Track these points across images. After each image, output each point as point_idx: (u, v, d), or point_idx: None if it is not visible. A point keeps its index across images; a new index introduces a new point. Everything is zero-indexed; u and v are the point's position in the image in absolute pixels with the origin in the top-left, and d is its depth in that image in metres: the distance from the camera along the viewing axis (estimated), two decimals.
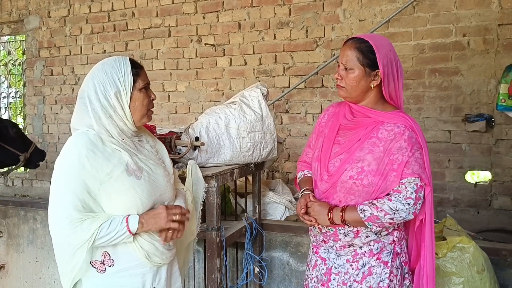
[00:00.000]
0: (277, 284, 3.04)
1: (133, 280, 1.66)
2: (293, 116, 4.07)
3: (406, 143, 1.70)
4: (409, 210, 1.67)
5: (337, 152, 1.81)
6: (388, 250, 1.78)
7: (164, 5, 4.50)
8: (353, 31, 3.78)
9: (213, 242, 2.38)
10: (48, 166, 5.09)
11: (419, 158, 1.71)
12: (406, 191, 1.67)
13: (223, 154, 2.57)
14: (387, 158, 1.70)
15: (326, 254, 1.86)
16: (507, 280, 2.49)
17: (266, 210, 3.25)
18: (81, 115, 1.64)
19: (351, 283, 1.79)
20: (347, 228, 1.76)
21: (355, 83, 1.76)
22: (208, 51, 4.35)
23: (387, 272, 1.76)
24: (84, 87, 1.65)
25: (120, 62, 1.65)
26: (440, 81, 3.56)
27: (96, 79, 1.62)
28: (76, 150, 1.57)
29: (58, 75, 5.09)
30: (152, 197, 1.66)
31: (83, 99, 1.63)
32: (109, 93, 1.61)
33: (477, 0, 3.43)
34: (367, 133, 1.77)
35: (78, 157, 1.55)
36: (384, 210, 1.66)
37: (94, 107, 1.61)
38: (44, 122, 5.20)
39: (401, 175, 1.68)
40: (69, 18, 4.98)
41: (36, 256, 3.98)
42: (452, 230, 2.54)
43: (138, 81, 1.65)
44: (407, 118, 1.77)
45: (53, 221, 1.58)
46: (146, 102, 1.69)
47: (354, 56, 1.75)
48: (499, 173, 3.42)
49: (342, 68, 1.79)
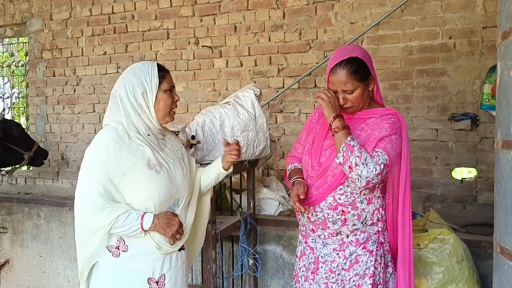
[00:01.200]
0: (270, 276, 3.19)
1: (144, 265, 1.83)
2: (287, 116, 4.20)
3: (388, 125, 1.85)
4: (369, 173, 1.75)
5: (328, 144, 1.94)
6: (373, 240, 1.92)
7: (163, 8, 4.62)
8: (344, 34, 3.91)
9: (208, 235, 2.52)
10: (51, 164, 5.24)
11: (394, 141, 1.84)
12: (378, 158, 1.78)
13: (218, 152, 2.70)
14: (370, 136, 1.86)
15: (314, 244, 1.99)
16: (487, 270, 2.62)
17: (260, 206, 3.38)
18: (112, 112, 1.83)
19: (339, 271, 1.93)
20: (335, 216, 1.89)
21: (361, 98, 1.91)
22: (205, 53, 4.48)
23: (372, 260, 1.90)
24: (116, 87, 1.84)
25: (148, 65, 1.84)
26: (428, 82, 3.68)
27: (126, 80, 1.82)
28: (105, 142, 1.75)
29: (60, 76, 5.21)
30: (169, 192, 1.82)
31: (115, 98, 1.82)
32: (137, 93, 1.80)
33: (462, 4, 3.55)
34: (355, 124, 1.92)
35: (106, 148, 1.73)
36: (361, 154, 1.76)
37: (124, 105, 1.80)
38: (46, 122, 5.33)
39: (374, 146, 1.81)
40: (70, 20, 5.10)
41: (40, 251, 4.13)
42: (435, 223, 2.68)
43: (163, 83, 1.84)
44: (396, 112, 1.93)
45: (78, 204, 1.75)
46: (170, 102, 1.87)
47: (352, 79, 1.86)
48: (484, 170, 3.54)
49: (342, 93, 1.89)
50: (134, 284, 1.82)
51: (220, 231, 2.64)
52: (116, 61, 4.90)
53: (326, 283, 1.95)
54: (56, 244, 4.04)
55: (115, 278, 1.81)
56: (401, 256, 1.95)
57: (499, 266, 1.75)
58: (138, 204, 1.77)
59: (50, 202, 4.09)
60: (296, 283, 2.09)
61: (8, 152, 4.04)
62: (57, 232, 4.04)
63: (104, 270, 1.82)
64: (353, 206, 1.89)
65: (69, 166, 5.24)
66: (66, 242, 3.99)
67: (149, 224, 1.75)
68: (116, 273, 1.81)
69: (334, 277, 1.93)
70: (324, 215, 1.92)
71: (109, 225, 1.70)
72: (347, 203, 1.89)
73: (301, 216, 2.05)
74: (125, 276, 1.81)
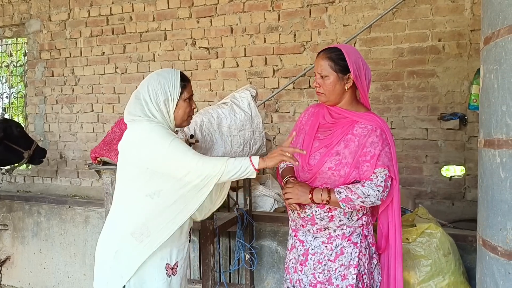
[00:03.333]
0: (266, 270, 3.29)
1: (163, 250, 1.98)
2: (282, 115, 4.31)
3: (377, 139, 1.96)
4: (378, 196, 1.91)
5: (317, 146, 2.05)
6: (357, 233, 2.03)
7: (160, 10, 4.71)
8: (337, 36, 4.02)
9: (206, 230, 2.63)
10: (49, 163, 5.32)
11: (388, 153, 1.96)
12: (377, 179, 1.91)
13: (216, 151, 2.81)
14: (361, 151, 1.95)
15: (304, 237, 2.10)
16: (473, 263, 2.71)
17: (256, 203, 3.48)
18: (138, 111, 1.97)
19: (325, 262, 2.03)
20: (323, 213, 2.00)
21: (332, 87, 2.01)
22: (202, 54, 4.57)
23: (357, 251, 2.01)
24: (140, 89, 2.00)
25: (172, 75, 2.00)
26: (418, 83, 3.80)
27: (151, 86, 1.97)
28: (157, 125, 1.93)
29: (58, 76, 5.29)
30: None
31: (139, 100, 1.97)
32: (160, 100, 1.96)
33: (451, 8, 3.67)
34: (343, 130, 2.02)
35: (162, 127, 1.93)
36: (357, 194, 1.89)
37: (149, 108, 1.96)
38: (45, 121, 5.40)
39: (374, 166, 1.93)
40: (69, 21, 5.18)
41: (40, 248, 4.21)
42: (423, 218, 2.78)
43: (184, 92, 2.01)
44: (378, 118, 2.03)
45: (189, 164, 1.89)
46: (188, 110, 2.05)
47: (327, 64, 2.00)
48: (472, 168, 3.66)
49: (319, 77, 2.04)
50: (154, 267, 1.97)
51: (218, 226, 2.75)
52: (114, 61, 4.98)
53: (313, 273, 2.05)
54: (57, 240, 4.13)
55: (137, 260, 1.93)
56: (392, 250, 2.07)
57: (482, 258, 1.87)
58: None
59: (50, 199, 4.17)
60: (287, 275, 2.20)
61: (9, 151, 4.11)
62: (57, 229, 4.12)
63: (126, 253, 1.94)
64: None
65: (67, 164, 5.32)
66: (66, 238, 4.08)
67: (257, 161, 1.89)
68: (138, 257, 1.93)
69: (321, 267, 2.03)
70: (313, 212, 2.02)
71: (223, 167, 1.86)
72: None
73: (290, 211, 2.15)
74: (147, 259, 1.94)
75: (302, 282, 2.08)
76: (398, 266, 2.08)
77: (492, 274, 1.75)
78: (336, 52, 2.01)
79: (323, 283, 2.03)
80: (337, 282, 2.01)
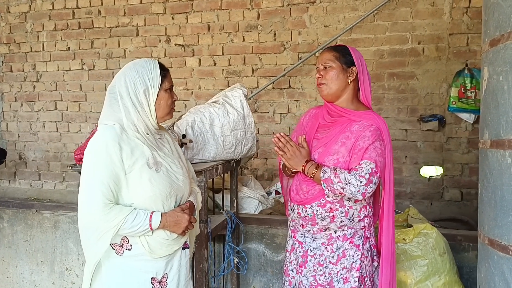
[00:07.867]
0: (253, 273, 3.21)
1: (147, 264, 1.79)
2: (262, 116, 4.25)
3: (370, 133, 1.94)
4: (359, 187, 1.85)
5: (316, 146, 2.04)
6: (359, 235, 2.01)
7: (132, 4, 4.52)
8: (318, 36, 4.01)
9: (201, 234, 2.52)
10: (7, 164, 4.97)
11: (378, 148, 1.93)
12: (361, 170, 1.87)
13: (208, 151, 2.71)
14: (354, 146, 1.94)
15: (303, 238, 2.06)
16: (462, 262, 2.79)
17: (241, 205, 3.39)
18: (111, 109, 1.77)
19: (326, 264, 2.00)
20: (324, 213, 1.96)
21: (335, 77, 2.01)
22: (177, 51, 4.43)
23: (359, 254, 1.99)
24: (115, 83, 1.78)
25: (150, 63, 1.80)
26: (398, 84, 3.86)
27: (128, 77, 1.77)
28: (104, 141, 1.70)
29: (18, 72, 4.96)
30: (170, 190, 1.79)
31: (113, 95, 1.77)
32: (139, 90, 1.75)
33: (430, 12, 3.74)
34: (341, 129, 2.00)
35: (106, 148, 1.68)
36: (339, 177, 1.85)
37: (124, 102, 1.75)
38: (2, 120, 5.06)
39: (361, 158, 1.90)
40: (30, 14, 4.87)
41: (3, 256, 3.92)
42: (415, 218, 2.83)
43: (164, 82, 1.82)
44: (377, 117, 2.02)
45: (83, 207, 1.70)
46: (170, 102, 1.85)
47: (332, 55, 2.03)
48: (450, 168, 3.76)
49: (322, 68, 2.04)
50: (137, 283, 1.79)
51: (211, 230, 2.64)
52: (81, 57, 4.73)
53: (314, 275, 2.02)
54: (21, 247, 3.84)
55: (118, 276, 1.78)
56: (384, 252, 2.04)
57: (487, 257, 1.87)
58: (140, 203, 1.74)
59: (15, 203, 3.88)
60: (286, 276, 2.15)
61: None
62: (22, 235, 3.84)
63: (107, 267, 1.78)
64: (341, 204, 1.97)
65: (27, 166, 5.00)
66: (33, 245, 3.81)
67: (157, 223, 1.73)
68: (119, 271, 1.78)
69: (322, 269, 2.00)
70: (314, 211, 1.99)
71: (118, 225, 1.66)
72: (335, 201, 1.97)
73: (290, 211, 2.11)
74: (128, 274, 1.78)
75: (303, 284, 2.05)
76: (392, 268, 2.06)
77: (501, 273, 1.76)
78: (341, 47, 2.07)
79: (324, 286, 2.00)
80: (339, 285, 1.98)
